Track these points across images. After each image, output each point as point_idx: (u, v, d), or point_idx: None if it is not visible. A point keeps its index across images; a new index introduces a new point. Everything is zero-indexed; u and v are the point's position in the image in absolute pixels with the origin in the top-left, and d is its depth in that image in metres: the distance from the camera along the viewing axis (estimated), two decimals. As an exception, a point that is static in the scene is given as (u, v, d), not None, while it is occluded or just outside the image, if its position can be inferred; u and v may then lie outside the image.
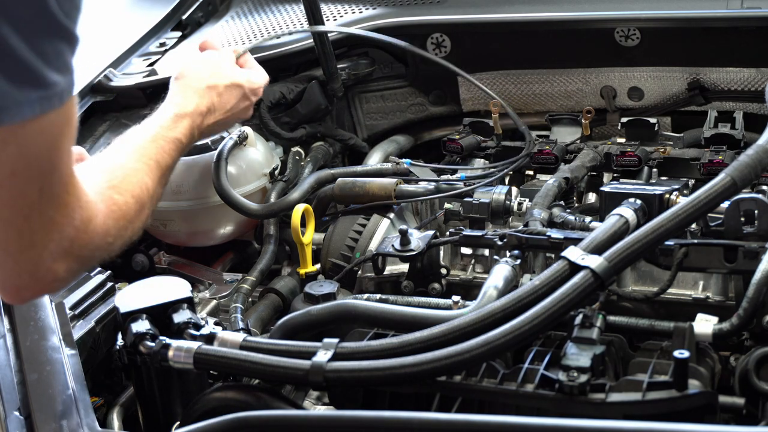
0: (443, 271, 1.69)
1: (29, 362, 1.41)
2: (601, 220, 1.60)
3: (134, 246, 2.00)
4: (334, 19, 2.30)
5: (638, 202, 1.53)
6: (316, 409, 1.56)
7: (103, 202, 1.28)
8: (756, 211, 1.44)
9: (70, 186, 1.16)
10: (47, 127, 1.08)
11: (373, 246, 1.83)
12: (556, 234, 1.56)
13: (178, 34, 2.53)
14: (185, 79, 1.75)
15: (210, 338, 1.36)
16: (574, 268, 1.30)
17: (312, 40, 2.17)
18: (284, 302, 1.87)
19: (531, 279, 1.35)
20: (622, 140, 2.01)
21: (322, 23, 2.10)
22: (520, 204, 1.79)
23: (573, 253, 1.32)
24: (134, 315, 1.42)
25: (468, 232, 1.65)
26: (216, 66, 1.82)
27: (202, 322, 1.43)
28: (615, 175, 1.93)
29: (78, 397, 1.34)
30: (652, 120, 2.02)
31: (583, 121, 2.08)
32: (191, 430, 1.19)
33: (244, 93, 1.84)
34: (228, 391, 1.35)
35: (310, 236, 1.89)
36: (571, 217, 1.67)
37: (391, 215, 1.90)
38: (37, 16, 1.01)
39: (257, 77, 1.89)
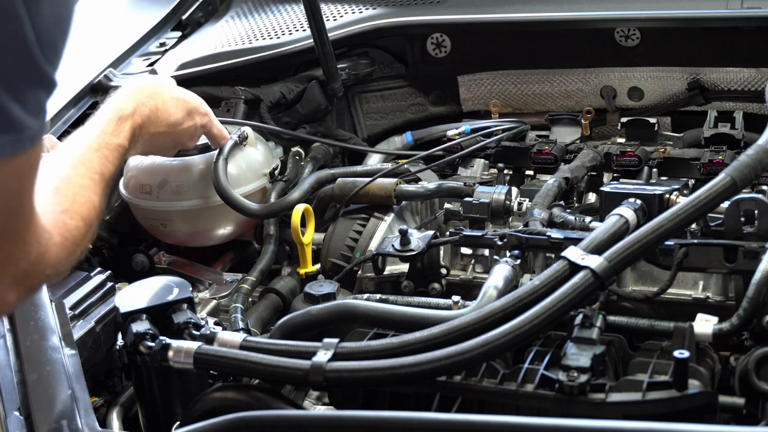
0: (443, 271, 1.69)
1: (29, 362, 1.41)
2: (601, 220, 1.60)
3: (134, 246, 2.02)
4: (334, 19, 2.30)
5: (638, 202, 1.53)
6: (316, 409, 1.56)
7: (57, 229, 1.29)
8: (756, 211, 1.44)
9: (30, 223, 1.18)
10: (17, 168, 1.09)
11: (373, 246, 1.83)
12: (556, 234, 1.56)
13: (178, 34, 2.54)
14: (127, 87, 1.72)
15: (210, 338, 1.36)
16: (574, 268, 1.30)
17: (312, 40, 2.17)
18: (284, 302, 1.87)
19: (531, 279, 1.35)
20: (622, 140, 2.01)
21: (323, 23, 2.10)
22: (520, 204, 1.79)
23: (573, 253, 1.32)
24: (134, 315, 1.42)
25: (468, 232, 1.65)
26: (160, 80, 1.81)
27: (202, 322, 1.43)
28: (615, 175, 1.93)
29: (78, 397, 1.34)
30: (652, 120, 2.02)
31: (583, 121, 2.08)
32: (191, 430, 1.19)
33: (190, 110, 1.79)
34: (228, 391, 1.35)
35: (310, 236, 1.89)
36: (571, 217, 1.67)
37: (391, 215, 1.90)
38: (20, 64, 1.02)
39: (203, 103, 1.84)
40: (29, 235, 1.18)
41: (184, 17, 2.59)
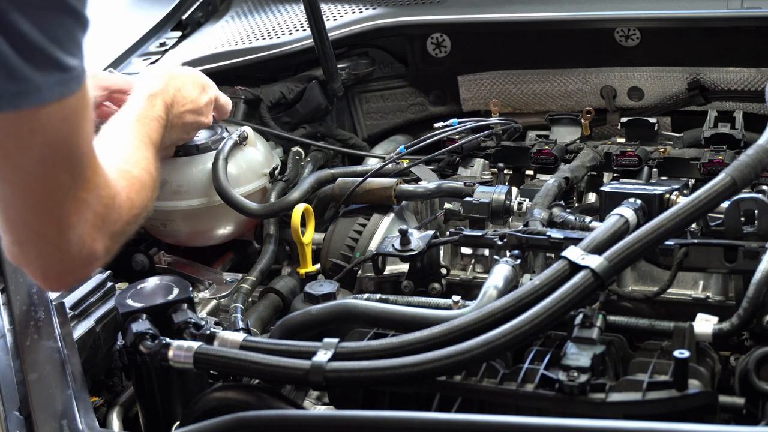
0: (443, 271, 1.69)
1: (29, 362, 1.41)
2: (601, 220, 1.60)
3: (134, 246, 2.01)
4: (334, 19, 2.30)
5: (638, 202, 1.53)
6: (316, 409, 1.56)
7: (123, 178, 1.32)
8: (756, 211, 1.44)
9: (96, 167, 1.20)
10: (69, 112, 1.11)
11: (373, 246, 1.83)
12: (556, 234, 1.55)
13: (178, 34, 2.54)
14: (146, 74, 1.77)
15: (210, 338, 1.36)
16: (574, 268, 1.30)
17: (312, 40, 2.17)
18: (284, 302, 1.87)
19: (531, 279, 1.35)
20: (622, 140, 2.01)
21: (323, 23, 2.10)
22: (520, 204, 1.79)
23: (573, 253, 1.32)
24: (134, 315, 1.42)
25: (468, 232, 1.65)
26: (169, 65, 1.89)
27: (202, 322, 1.43)
28: (615, 175, 1.93)
29: (78, 397, 1.34)
30: (652, 120, 2.02)
31: (582, 121, 2.08)
32: (191, 430, 1.19)
33: (203, 86, 1.84)
34: (228, 391, 1.35)
35: (310, 236, 1.89)
36: (571, 217, 1.67)
37: (391, 215, 1.90)
38: (51, 3, 1.05)
39: (206, 77, 1.89)
40: (97, 179, 1.21)
41: (184, 17, 2.59)
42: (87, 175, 1.19)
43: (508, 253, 1.56)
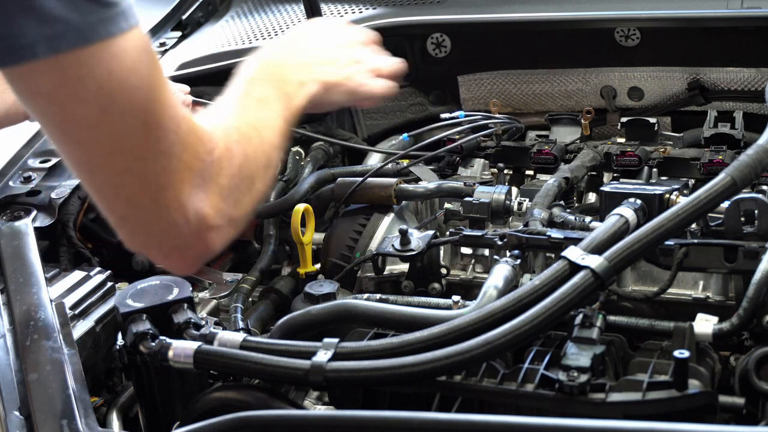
0: (443, 271, 1.69)
1: (29, 362, 1.41)
2: (601, 220, 1.60)
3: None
4: (334, 19, 2.30)
5: (638, 202, 1.53)
6: (316, 409, 1.56)
7: (225, 133, 1.17)
8: (756, 211, 1.44)
9: (178, 117, 1.08)
10: (120, 52, 1.01)
11: (373, 246, 1.83)
12: (556, 234, 1.55)
13: (178, 34, 2.54)
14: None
15: (210, 338, 1.36)
16: (574, 268, 1.30)
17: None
18: (284, 302, 1.87)
19: (531, 279, 1.35)
20: (622, 140, 2.01)
21: None
22: (520, 204, 1.79)
23: (573, 253, 1.32)
24: (134, 315, 1.42)
25: (468, 232, 1.65)
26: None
27: (202, 322, 1.43)
28: (615, 175, 1.93)
29: (78, 397, 1.34)
30: (652, 120, 2.02)
31: (582, 121, 2.08)
32: (191, 430, 1.19)
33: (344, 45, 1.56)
34: (228, 391, 1.35)
35: (310, 236, 1.89)
36: (571, 217, 1.67)
37: (391, 215, 1.90)
38: None
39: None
40: (181, 130, 1.08)
41: (184, 17, 2.59)
42: (166, 125, 1.06)
43: (508, 253, 1.56)
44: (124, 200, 1.09)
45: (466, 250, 1.73)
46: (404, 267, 1.71)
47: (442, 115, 2.09)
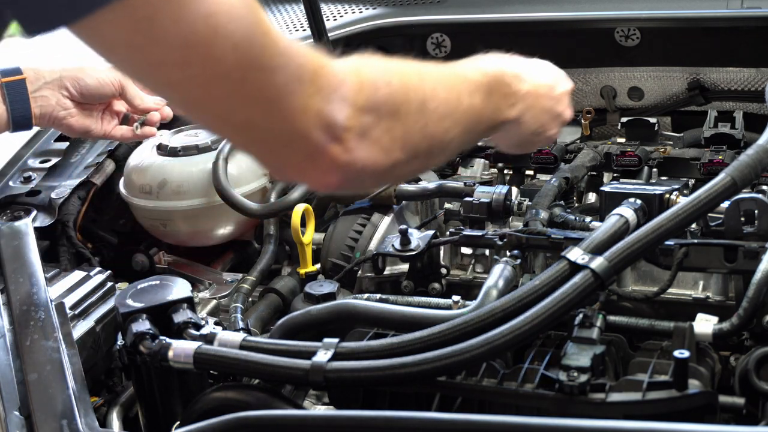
0: (443, 271, 1.69)
1: (29, 362, 1.41)
2: (601, 220, 1.60)
3: (134, 246, 2.02)
4: (334, 19, 2.30)
5: (638, 202, 1.53)
6: (316, 409, 1.56)
7: (351, 73, 1.13)
8: (756, 211, 1.44)
9: (280, 43, 1.02)
10: None
11: (373, 246, 1.83)
12: (556, 234, 1.55)
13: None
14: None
15: (210, 338, 1.36)
16: (574, 268, 1.30)
17: (312, 40, 2.17)
18: (284, 302, 1.87)
19: (531, 279, 1.35)
20: (622, 140, 2.01)
21: (323, 23, 2.10)
22: (520, 204, 1.79)
23: (573, 253, 1.32)
24: (134, 315, 1.42)
25: (468, 232, 1.65)
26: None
27: (202, 322, 1.43)
28: (615, 175, 1.93)
29: (78, 397, 1.34)
30: (652, 120, 2.02)
31: (583, 121, 2.08)
32: (191, 430, 1.19)
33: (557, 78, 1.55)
34: (228, 391, 1.35)
35: (310, 236, 1.89)
36: (571, 217, 1.67)
37: (391, 215, 1.90)
38: None
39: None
40: (282, 53, 1.02)
41: (184, 17, 2.59)
42: (261, 42, 1.00)
43: (508, 253, 1.56)
44: (240, 125, 1.04)
45: (466, 250, 1.73)
46: (404, 267, 1.71)
47: None
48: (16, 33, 0.99)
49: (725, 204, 1.43)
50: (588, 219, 1.66)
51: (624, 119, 2.04)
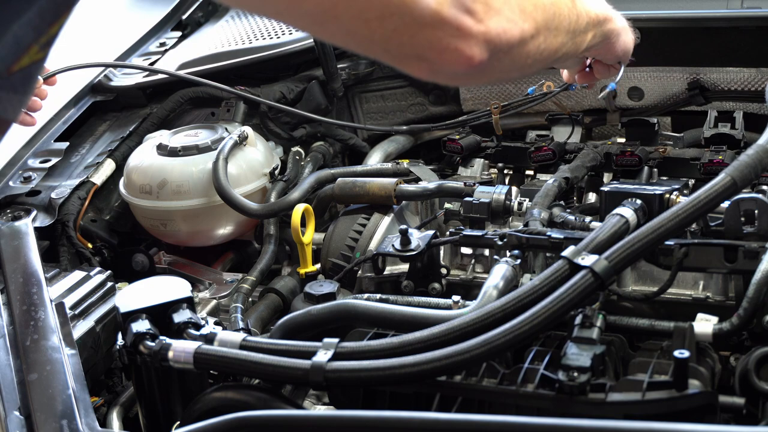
0: (443, 271, 1.69)
1: (29, 362, 1.41)
2: (601, 219, 1.60)
3: (134, 246, 2.02)
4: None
5: (638, 201, 1.53)
6: (316, 409, 1.56)
7: None
8: (756, 211, 1.44)
9: None
10: None
11: (373, 246, 1.83)
12: (556, 234, 1.55)
13: (178, 34, 2.54)
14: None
15: (210, 338, 1.36)
16: (574, 267, 1.30)
17: (312, 40, 2.17)
18: (284, 302, 1.87)
19: (531, 279, 1.35)
20: (622, 140, 2.01)
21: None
22: (520, 204, 1.79)
23: (573, 253, 1.32)
24: (134, 315, 1.42)
25: (468, 232, 1.65)
26: None
27: (202, 322, 1.43)
28: (615, 175, 1.93)
29: (78, 397, 1.34)
30: (652, 120, 2.02)
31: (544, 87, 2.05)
32: (191, 430, 1.19)
33: None
34: (228, 391, 1.35)
35: (310, 236, 1.89)
36: (571, 217, 1.67)
37: (391, 215, 1.90)
38: None
39: None
40: None
41: (184, 17, 2.60)
42: None
43: (508, 253, 1.56)
44: (377, 18, 1.06)
45: (466, 250, 1.73)
46: (404, 267, 1.71)
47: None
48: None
49: (725, 204, 1.43)
50: (588, 219, 1.66)
51: (624, 119, 2.04)
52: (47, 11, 1.02)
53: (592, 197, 1.92)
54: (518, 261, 1.53)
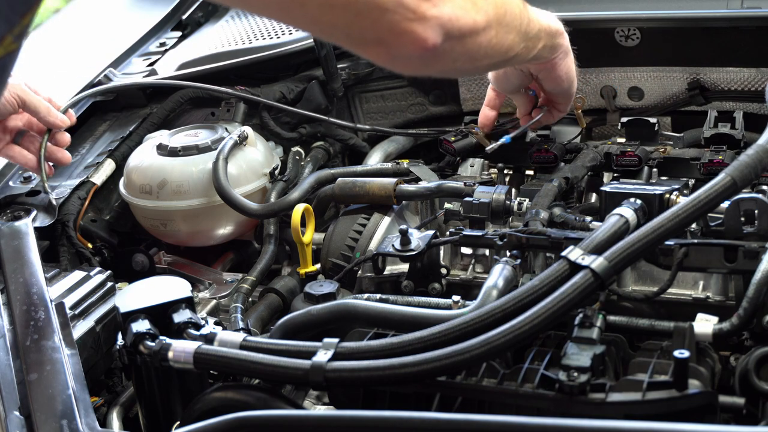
0: (443, 271, 1.69)
1: (29, 362, 1.41)
2: (601, 219, 1.60)
3: (134, 246, 2.02)
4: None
5: (638, 202, 1.53)
6: (316, 409, 1.56)
7: None
8: (756, 211, 1.44)
9: None
10: None
11: (373, 246, 1.83)
12: (556, 234, 1.55)
13: (178, 34, 2.54)
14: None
15: (210, 338, 1.36)
16: (574, 267, 1.30)
17: (312, 40, 2.17)
18: (284, 302, 1.87)
19: (531, 279, 1.35)
20: (622, 140, 2.01)
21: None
22: (520, 204, 1.79)
23: (573, 253, 1.32)
24: (134, 315, 1.42)
25: (468, 232, 1.65)
26: None
27: (202, 322, 1.43)
28: (615, 175, 1.93)
29: (78, 397, 1.34)
30: (652, 120, 2.01)
31: (575, 111, 2.06)
32: (191, 430, 1.19)
33: None
34: (228, 391, 1.35)
35: (310, 236, 1.89)
36: (571, 217, 1.67)
37: (391, 215, 1.90)
38: None
39: None
40: None
41: (184, 17, 2.60)
42: None
43: (508, 253, 1.56)
44: (342, 4, 1.14)
45: (466, 250, 1.73)
46: (404, 267, 1.71)
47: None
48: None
49: (725, 204, 1.43)
50: (588, 219, 1.66)
51: (624, 119, 2.03)
52: (18, 2, 1.04)
53: (592, 197, 1.92)
54: (518, 261, 1.53)
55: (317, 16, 1.16)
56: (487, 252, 1.70)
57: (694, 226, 1.49)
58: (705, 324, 1.33)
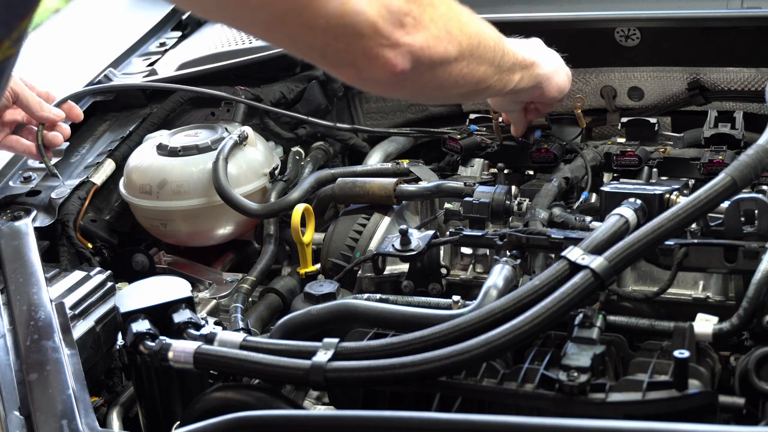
0: (443, 271, 1.69)
1: (29, 362, 1.41)
2: (601, 219, 1.60)
3: (134, 246, 2.02)
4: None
5: (638, 202, 1.53)
6: (316, 409, 1.56)
7: None
8: (756, 211, 1.44)
9: None
10: None
11: (373, 246, 1.83)
12: (556, 234, 1.56)
13: (178, 34, 2.54)
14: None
15: (210, 338, 1.36)
16: (574, 267, 1.30)
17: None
18: (284, 302, 1.87)
19: (531, 279, 1.35)
20: (622, 140, 2.01)
21: None
22: (520, 204, 1.79)
23: (573, 253, 1.32)
24: (134, 315, 1.42)
25: (468, 232, 1.65)
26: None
27: (202, 322, 1.43)
28: (615, 175, 1.93)
29: (78, 397, 1.34)
30: (652, 120, 2.01)
31: (575, 111, 2.06)
32: (191, 430, 1.19)
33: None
34: (228, 391, 1.35)
35: (310, 236, 1.89)
36: (571, 217, 1.67)
37: (391, 215, 1.90)
38: None
39: None
40: None
41: (184, 17, 2.60)
42: None
43: (508, 253, 1.56)
44: (317, 30, 1.17)
45: (466, 250, 1.73)
46: (404, 267, 1.71)
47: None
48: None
49: (725, 204, 1.43)
50: (588, 219, 1.66)
51: (624, 119, 2.03)
52: (16, 6, 1.04)
53: (592, 197, 1.92)
54: (518, 261, 1.53)
55: (296, 36, 1.19)
56: (487, 252, 1.70)
57: (694, 226, 1.49)
58: (705, 324, 1.33)
